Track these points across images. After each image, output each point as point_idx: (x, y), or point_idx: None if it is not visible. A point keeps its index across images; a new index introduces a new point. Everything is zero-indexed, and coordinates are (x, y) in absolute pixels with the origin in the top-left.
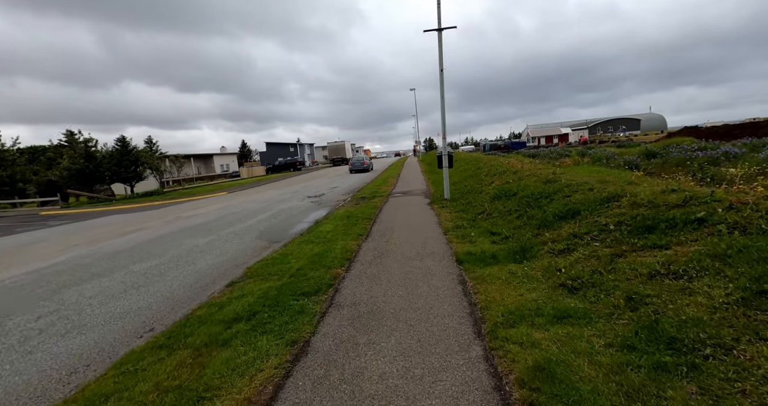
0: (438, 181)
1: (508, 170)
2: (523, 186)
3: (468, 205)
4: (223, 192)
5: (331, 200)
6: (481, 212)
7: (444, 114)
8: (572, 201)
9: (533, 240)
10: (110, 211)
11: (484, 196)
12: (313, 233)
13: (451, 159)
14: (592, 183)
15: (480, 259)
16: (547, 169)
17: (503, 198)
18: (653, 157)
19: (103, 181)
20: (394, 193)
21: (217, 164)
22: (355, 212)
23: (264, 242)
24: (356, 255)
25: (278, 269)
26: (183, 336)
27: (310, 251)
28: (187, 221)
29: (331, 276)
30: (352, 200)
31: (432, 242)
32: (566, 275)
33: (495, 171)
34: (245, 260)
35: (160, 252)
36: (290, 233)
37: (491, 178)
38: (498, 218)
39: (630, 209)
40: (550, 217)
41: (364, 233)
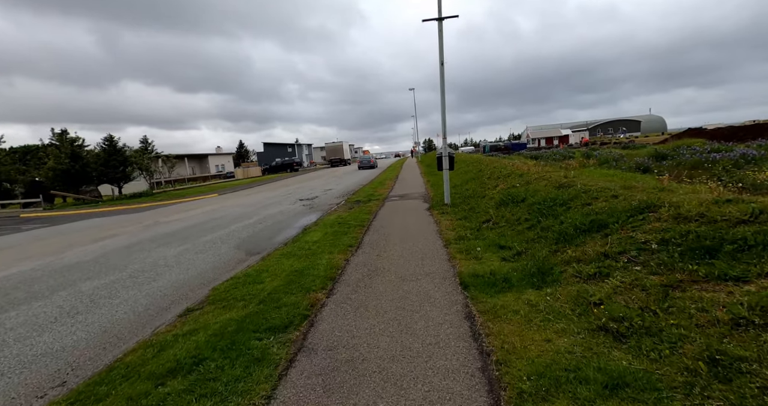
0: (438, 184)
1: (513, 173)
2: (532, 191)
3: (471, 211)
4: (214, 194)
5: (324, 204)
6: (486, 220)
7: (444, 112)
8: (595, 210)
9: (552, 259)
10: (93, 213)
11: (488, 201)
12: (298, 242)
13: (452, 161)
14: (614, 189)
15: (489, 282)
16: (557, 172)
17: (510, 204)
18: (663, 160)
19: (91, 182)
20: (390, 196)
21: (212, 165)
22: (347, 217)
23: (241, 254)
24: (342, 273)
25: (247, 292)
26: (92, 402)
27: (290, 267)
28: (166, 227)
29: (308, 303)
30: (346, 204)
31: (431, 256)
32: (606, 313)
33: (499, 173)
34: (214, 277)
35: (122, 265)
36: (273, 243)
37: (495, 182)
38: (506, 228)
39: (675, 224)
40: (570, 229)
41: (355, 243)
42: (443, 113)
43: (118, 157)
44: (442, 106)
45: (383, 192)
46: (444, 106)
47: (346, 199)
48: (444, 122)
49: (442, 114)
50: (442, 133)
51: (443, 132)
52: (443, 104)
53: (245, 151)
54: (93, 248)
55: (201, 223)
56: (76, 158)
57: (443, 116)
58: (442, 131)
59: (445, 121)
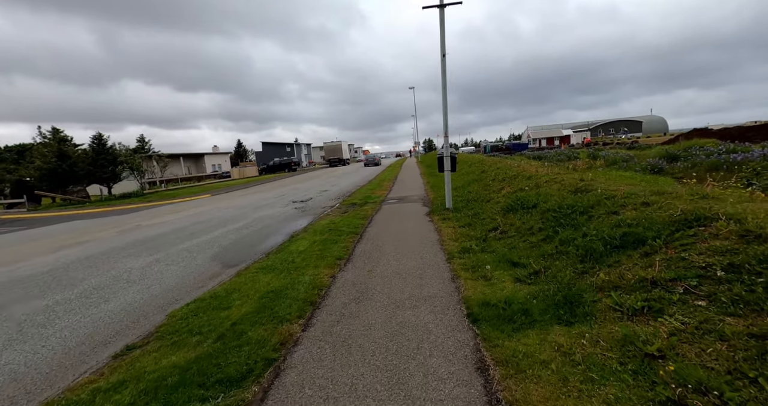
0: (438, 186)
1: (520, 175)
2: (544, 196)
3: (475, 217)
4: (207, 195)
5: (318, 207)
6: (493, 228)
7: (446, 108)
8: (625, 221)
9: (580, 282)
10: (76, 215)
11: (494, 206)
12: (282, 252)
13: (454, 162)
14: (642, 194)
15: (505, 315)
16: (570, 175)
17: (520, 210)
18: (675, 160)
19: (79, 182)
20: (388, 198)
21: (209, 164)
22: (340, 223)
23: (217, 266)
24: (326, 295)
25: (208, 321)
26: None
27: (266, 285)
28: (145, 232)
29: (277, 340)
30: (341, 207)
31: (432, 274)
32: (676, 376)
33: (503, 175)
34: (177, 297)
35: (78, 279)
36: (255, 252)
37: (500, 184)
38: (517, 238)
39: (743, 244)
40: (597, 244)
41: (345, 255)
42: (444, 109)
43: (107, 157)
44: (444, 102)
45: (381, 194)
46: (446, 102)
47: (341, 201)
48: (445, 119)
49: (444, 110)
50: (444, 130)
51: (444, 130)
52: (445, 99)
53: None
54: (55, 257)
55: (184, 227)
56: (63, 157)
57: (444, 112)
58: (444, 129)
59: (446, 117)
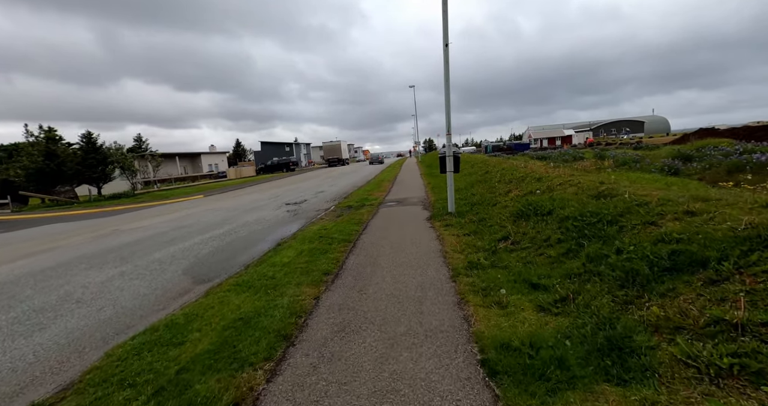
0: (439, 187)
1: (528, 176)
2: (559, 201)
3: (481, 223)
4: (200, 195)
5: (311, 209)
6: (503, 237)
7: (448, 103)
8: (671, 236)
9: (625, 318)
10: (59, 217)
11: (502, 211)
12: (263, 265)
13: (457, 162)
14: (682, 201)
15: (533, 368)
16: (586, 177)
17: (533, 217)
18: (689, 161)
19: (67, 182)
20: (386, 201)
21: (205, 164)
22: (332, 229)
23: (186, 282)
24: (305, 326)
25: (151, 364)
26: None
27: (236, 310)
28: (120, 237)
29: (232, 397)
30: (335, 210)
31: (434, 297)
32: None
33: (510, 176)
34: (129, 324)
35: (22, 298)
36: (233, 264)
37: (506, 186)
38: (532, 251)
39: None
40: (640, 265)
41: (334, 269)
42: (447, 104)
43: (97, 156)
44: (446, 95)
45: (378, 196)
46: (448, 95)
47: (337, 204)
48: (448, 115)
49: (446, 105)
50: (446, 127)
51: (447, 126)
52: (447, 93)
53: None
54: (10, 268)
55: (164, 232)
56: (51, 157)
57: (447, 107)
58: (446, 125)
59: (449, 113)
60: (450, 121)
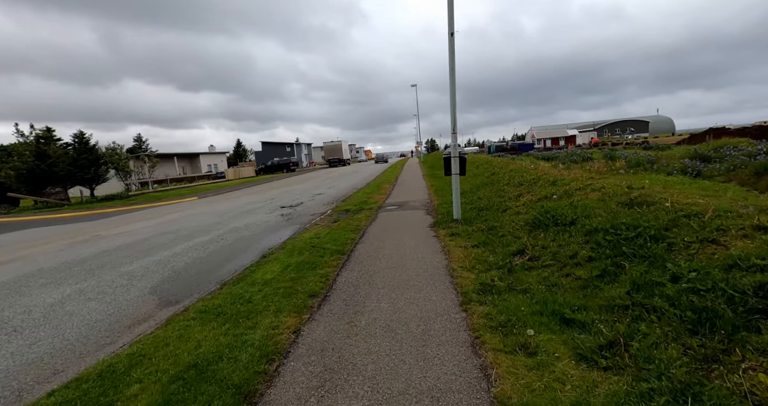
0: (443, 190)
1: (541, 179)
2: (583, 208)
3: (492, 233)
4: (194, 197)
5: (306, 214)
6: (518, 251)
7: (454, 98)
8: (753, 261)
9: (716, 387)
10: (44, 220)
11: (514, 218)
12: (241, 283)
13: (463, 163)
14: (749, 214)
15: None
16: (610, 180)
17: (552, 227)
18: (707, 162)
19: (59, 183)
20: (386, 204)
21: (204, 164)
22: (325, 237)
23: (151, 304)
24: (276, 376)
25: None
26: None
27: (194, 349)
28: (96, 245)
29: None
30: (332, 214)
31: (441, 335)
32: None
33: (520, 179)
34: (59, 368)
35: None
36: (209, 280)
37: (516, 190)
38: (555, 270)
39: None
40: (719, 305)
41: (322, 290)
42: (452, 99)
43: (89, 156)
44: (452, 91)
45: (378, 199)
46: (454, 91)
47: (334, 207)
48: (454, 112)
49: (452, 100)
50: (452, 125)
51: (453, 124)
52: (453, 88)
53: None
54: None
55: (144, 239)
56: (41, 157)
57: (453, 104)
58: (452, 123)
59: (455, 109)
60: (456, 118)
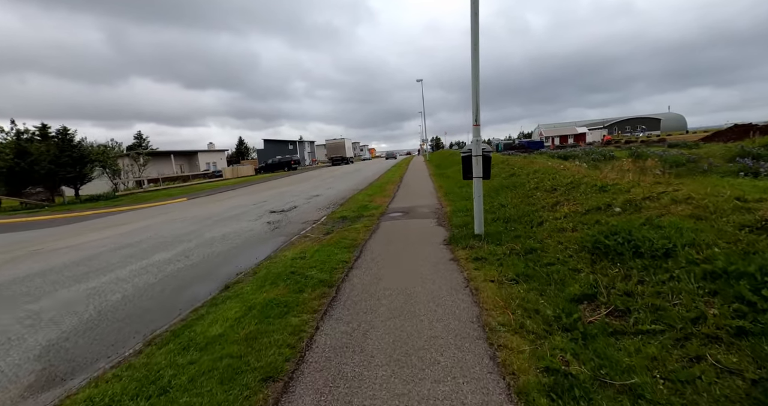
0: (453, 193)
1: (582, 183)
2: (676, 231)
3: (531, 258)
4: (183, 198)
5: (297, 221)
6: (585, 295)
7: (477, 81)
8: None
9: None
10: (6, 225)
11: (557, 236)
12: (171, 345)
13: (487, 164)
14: None
15: None
16: (691, 186)
17: (631, 258)
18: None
19: (40, 183)
20: (390, 210)
21: (203, 162)
22: (312, 258)
23: (21, 381)
24: None
25: None
26: None
27: None
28: (24, 265)
29: None
30: (326, 223)
31: None
32: None
33: (551, 182)
34: None
35: None
36: (138, 330)
37: (550, 196)
38: (669, 342)
39: None
40: None
41: (286, 365)
42: (475, 82)
43: (73, 154)
44: (474, 72)
45: (381, 203)
46: (477, 70)
47: (330, 213)
48: (476, 97)
49: (474, 83)
50: (473, 114)
51: (474, 113)
52: (475, 66)
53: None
54: None
55: (90, 257)
56: (22, 155)
57: (475, 86)
58: (473, 112)
59: (477, 94)
60: (479, 105)
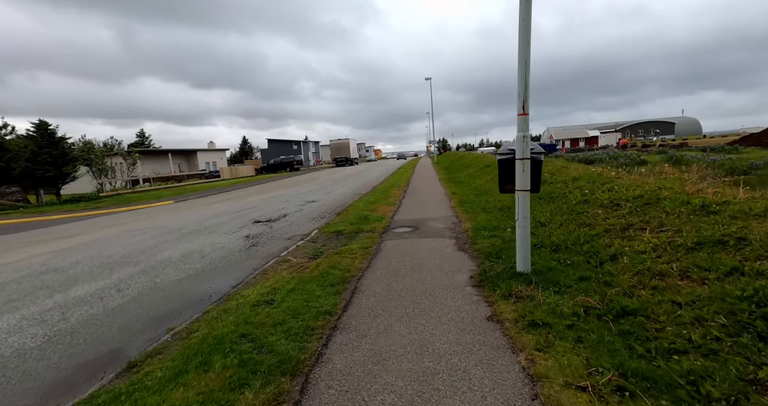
0: (470, 202)
1: (662, 198)
2: None
3: (630, 330)
4: (170, 201)
5: (281, 236)
6: None
7: (527, 54)
8: None
9: None
10: None
11: (657, 285)
12: None
13: (537, 172)
14: None
15: None
16: None
17: None
18: None
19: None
20: (395, 223)
21: (202, 162)
22: (282, 304)
23: None
24: None
25: None
26: None
27: None
28: None
29: None
30: (316, 240)
31: None
32: None
33: (608, 194)
34: None
35: None
36: None
37: (616, 216)
38: None
39: None
40: None
41: None
42: (524, 48)
43: (54, 151)
44: (523, 36)
45: (384, 213)
46: (527, 33)
47: (324, 225)
48: (525, 72)
49: (522, 52)
50: (520, 97)
51: (522, 95)
52: (525, 31)
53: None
54: None
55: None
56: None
57: (524, 55)
58: (519, 94)
59: (527, 67)
60: (528, 83)
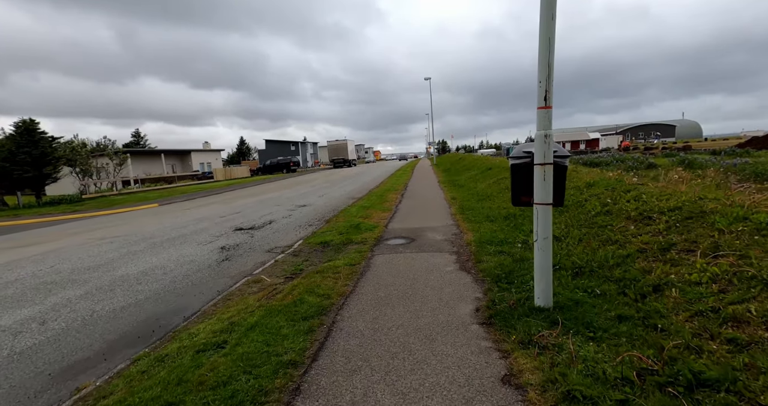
0: (472, 209)
1: (708, 211)
2: None
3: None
4: (155, 204)
5: (261, 248)
6: None
7: (552, 30)
8: None
9: None
10: None
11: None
12: None
13: (562, 181)
14: None
15: None
16: None
17: None
18: None
19: None
20: (389, 233)
21: (196, 162)
22: (235, 350)
23: None
24: None
25: None
26: None
27: None
28: None
29: None
30: (298, 253)
31: None
32: None
33: (635, 205)
34: None
35: None
36: None
37: (649, 232)
38: None
39: None
40: None
41: None
42: (548, 22)
43: (33, 151)
44: (547, 12)
45: (378, 220)
46: (553, 13)
47: (311, 234)
48: (548, 54)
49: (544, 28)
50: (541, 87)
51: (544, 83)
52: (550, 9)
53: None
54: None
55: None
56: None
57: (546, 33)
58: (541, 83)
59: (551, 49)
60: (551, 69)
